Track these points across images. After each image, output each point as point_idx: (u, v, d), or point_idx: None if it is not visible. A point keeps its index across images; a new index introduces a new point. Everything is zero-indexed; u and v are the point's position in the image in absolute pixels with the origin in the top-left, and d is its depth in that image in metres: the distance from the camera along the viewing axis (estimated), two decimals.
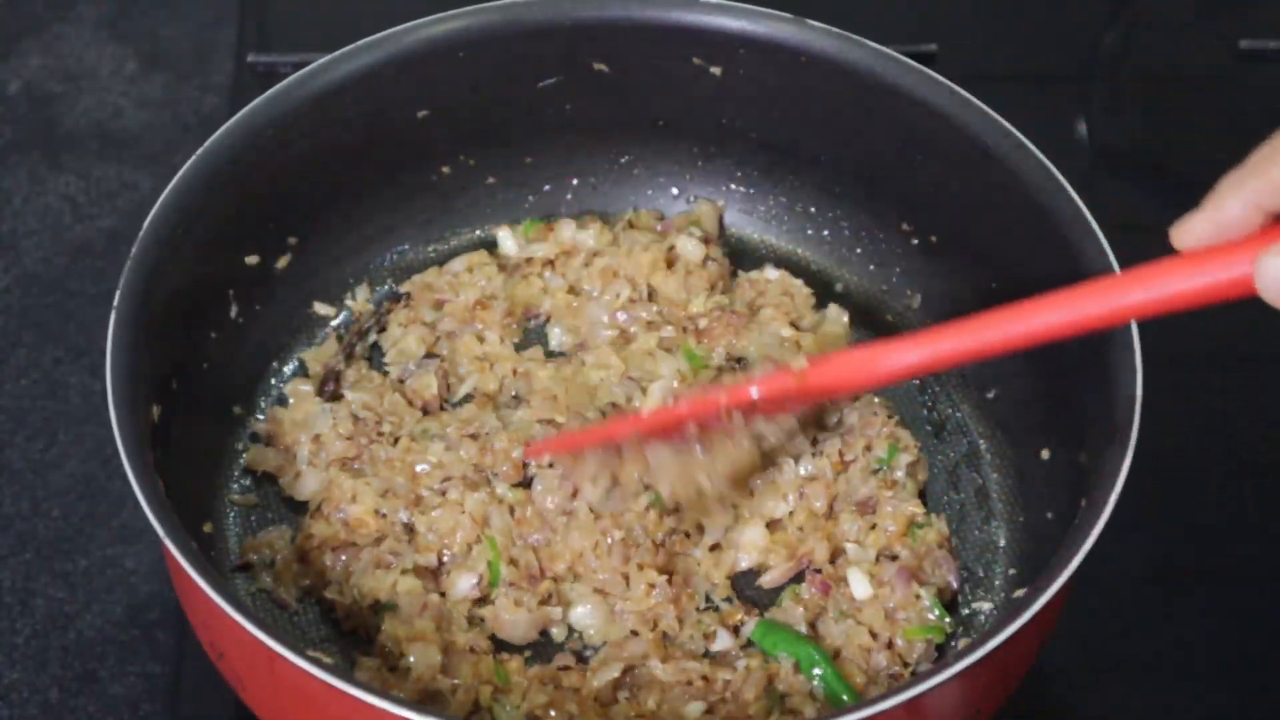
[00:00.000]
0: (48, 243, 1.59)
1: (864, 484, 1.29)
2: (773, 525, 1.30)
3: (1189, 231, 0.99)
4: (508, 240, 1.47)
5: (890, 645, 1.22)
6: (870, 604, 1.23)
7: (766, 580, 1.27)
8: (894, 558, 1.25)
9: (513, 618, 1.23)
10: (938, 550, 1.27)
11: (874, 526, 1.27)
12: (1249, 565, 1.39)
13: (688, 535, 1.28)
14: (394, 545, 1.26)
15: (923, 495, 1.33)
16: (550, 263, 1.45)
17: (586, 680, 1.19)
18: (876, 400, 1.36)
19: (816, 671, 1.20)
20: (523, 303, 1.43)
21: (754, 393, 1.20)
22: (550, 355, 1.42)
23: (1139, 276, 1.02)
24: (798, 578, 1.27)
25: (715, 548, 1.28)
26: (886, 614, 1.23)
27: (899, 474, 1.31)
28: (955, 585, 1.26)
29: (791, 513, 1.30)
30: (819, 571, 1.26)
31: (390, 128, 1.39)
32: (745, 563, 1.28)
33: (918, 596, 1.23)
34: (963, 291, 1.39)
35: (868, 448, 1.31)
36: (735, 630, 1.24)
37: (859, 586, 1.24)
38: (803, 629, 1.23)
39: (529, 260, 1.45)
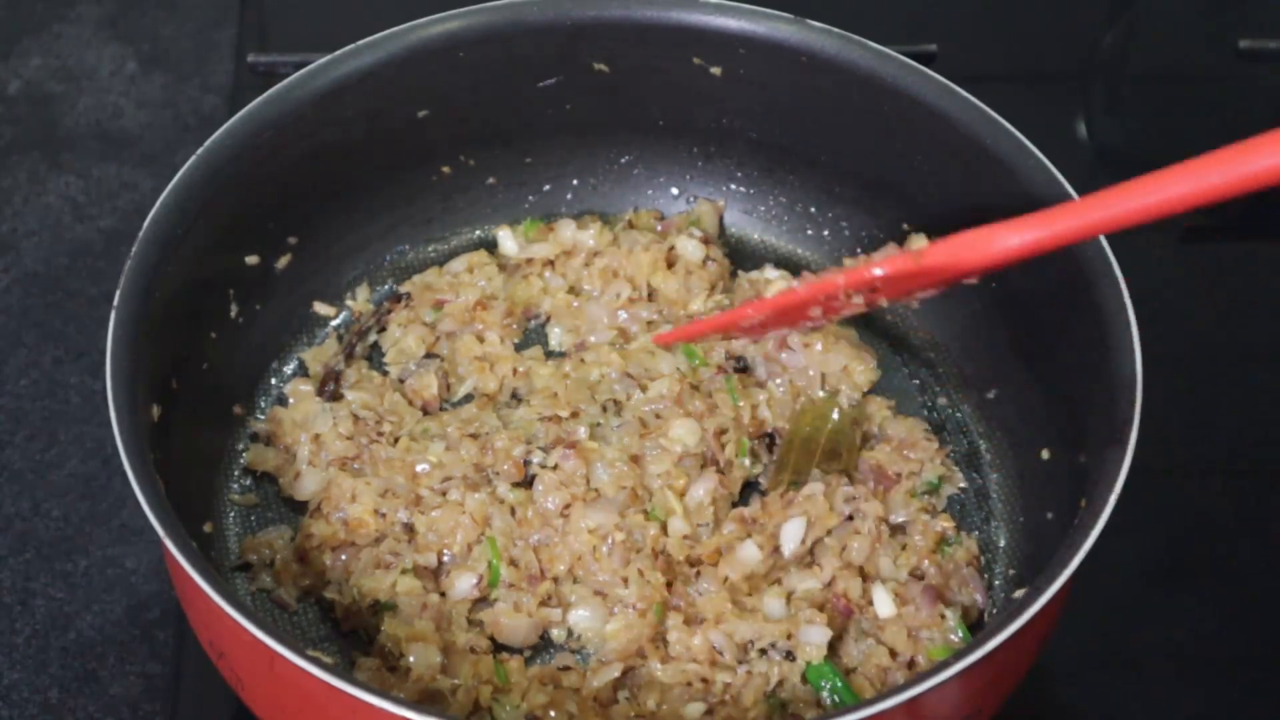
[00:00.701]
0: (48, 243, 1.59)
1: (904, 508, 1.29)
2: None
3: None
4: (508, 240, 1.47)
5: (911, 665, 1.21)
6: (893, 623, 1.22)
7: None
8: (920, 577, 1.24)
9: (512, 622, 1.23)
10: (966, 569, 1.26)
11: (905, 546, 1.26)
12: (1248, 565, 1.39)
13: (698, 573, 1.27)
14: (393, 545, 1.26)
15: None
16: (550, 263, 1.45)
17: (586, 680, 1.19)
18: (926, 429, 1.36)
19: (826, 685, 1.20)
20: (523, 303, 1.44)
21: (874, 273, 1.18)
22: (550, 355, 1.42)
23: (1255, 146, 1.01)
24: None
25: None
26: (909, 633, 1.22)
27: (935, 499, 1.31)
28: (982, 605, 1.26)
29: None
30: (846, 599, 1.24)
31: (390, 128, 1.40)
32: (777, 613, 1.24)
33: (943, 616, 1.22)
34: (963, 291, 1.39)
35: (913, 473, 1.31)
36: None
37: (883, 605, 1.22)
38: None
39: (529, 260, 1.45)
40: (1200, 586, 1.37)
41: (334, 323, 1.44)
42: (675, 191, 1.51)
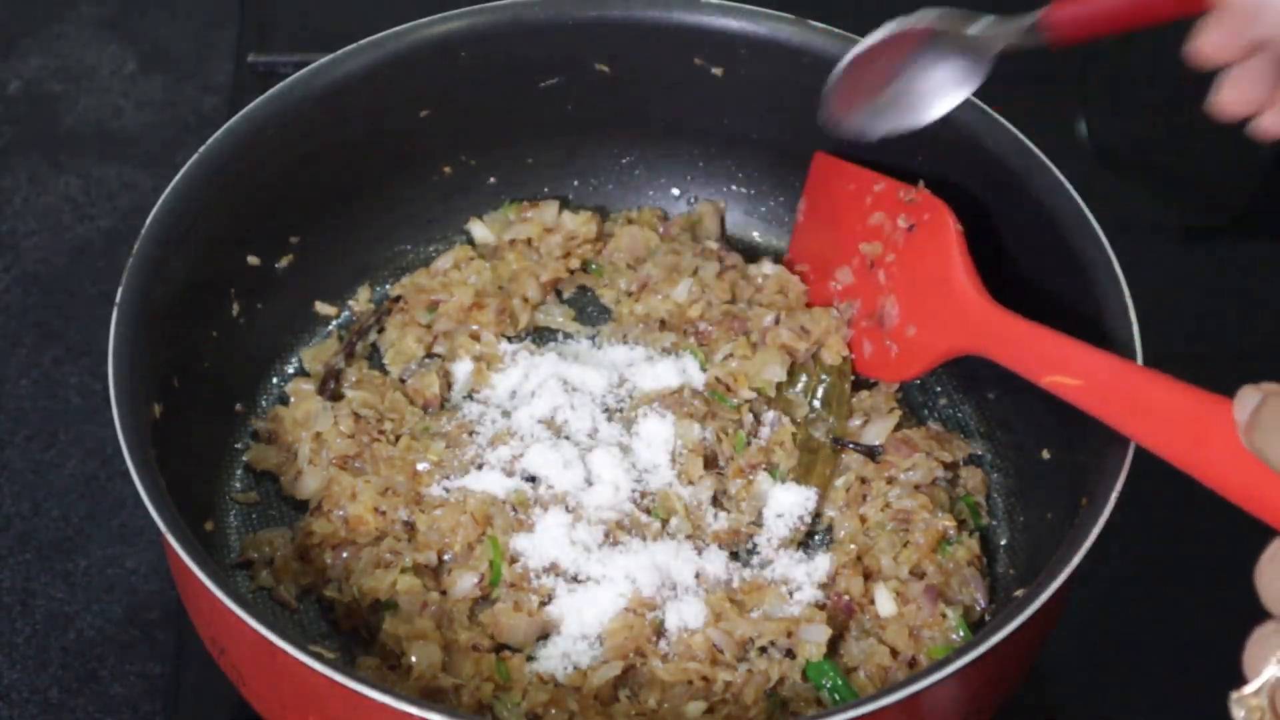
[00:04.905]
0: (48, 243, 1.59)
1: (911, 497, 1.29)
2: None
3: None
4: (479, 229, 1.47)
5: (912, 664, 1.21)
6: (895, 622, 1.22)
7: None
8: (921, 576, 1.25)
9: (513, 622, 1.23)
10: (967, 569, 1.26)
11: (906, 544, 1.26)
12: (1248, 565, 1.38)
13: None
14: (394, 544, 1.26)
15: None
16: (528, 241, 1.45)
17: (587, 679, 1.19)
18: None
19: (826, 682, 1.20)
20: (553, 278, 1.44)
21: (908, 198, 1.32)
22: (565, 338, 1.42)
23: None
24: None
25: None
26: (910, 632, 1.22)
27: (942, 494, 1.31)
28: (983, 605, 1.26)
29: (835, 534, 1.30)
30: (848, 596, 1.25)
31: (391, 127, 1.40)
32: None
33: (944, 616, 1.22)
34: None
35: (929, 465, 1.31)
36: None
37: (884, 604, 1.23)
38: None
39: (511, 242, 1.45)
40: (1200, 586, 1.37)
41: (335, 322, 1.44)
42: (676, 192, 1.52)
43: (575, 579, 1.25)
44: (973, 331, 1.23)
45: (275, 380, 1.40)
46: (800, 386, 1.37)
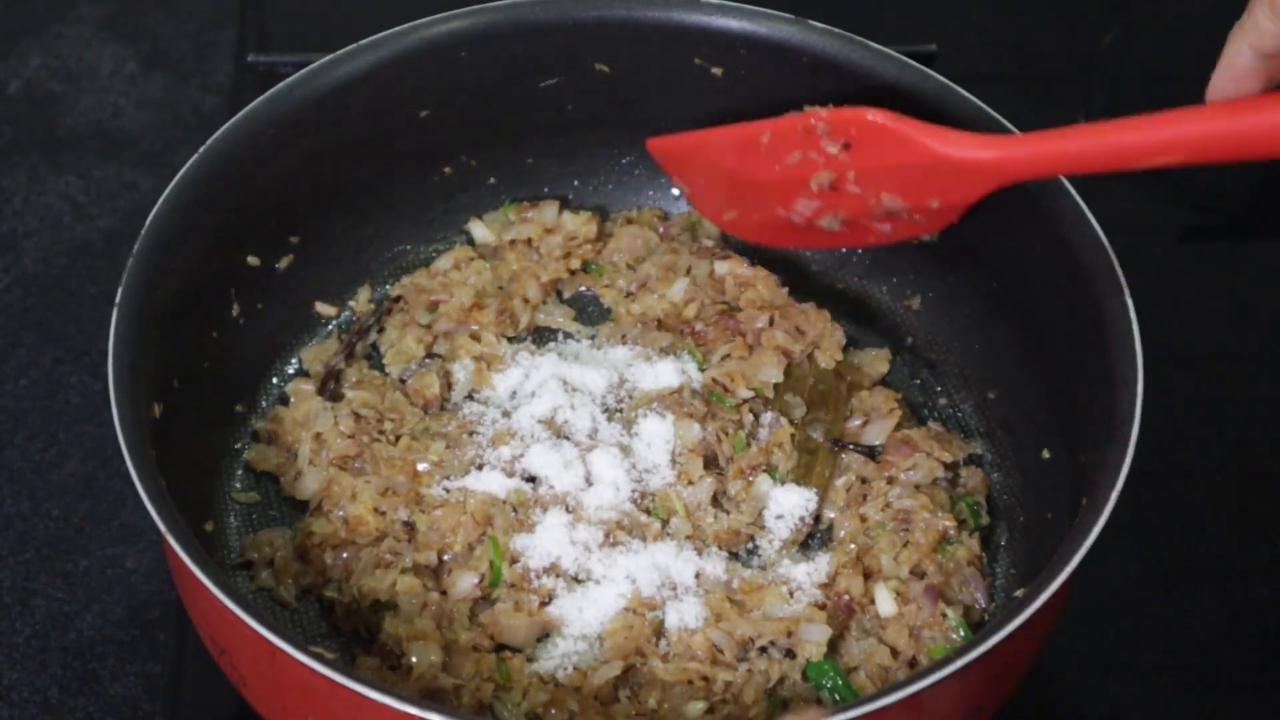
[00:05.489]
0: (48, 243, 1.59)
1: (911, 497, 1.29)
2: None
3: (1212, 86, 1.08)
4: (479, 229, 1.47)
5: (913, 664, 1.21)
6: (895, 622, 1.22)
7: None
8: (922, 575, 1.25)
9: (513, 622, 1.23)
10: (967, 569, 1.26)
11: (906, 544, 1.26)
12: (1248, 565, 1.39)
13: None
14: (394, 544, 1.26)
15: None
16: (529, 242, 1.45)
17: (587, 679, 1.19)
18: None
19: (826, 682, 1.20)
20: (553, 279, 1.44)
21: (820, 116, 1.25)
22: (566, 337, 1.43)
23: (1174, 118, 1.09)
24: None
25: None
26: (910, 632, 1.22)
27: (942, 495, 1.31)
28: (984, 604, 1.26)
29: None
30: (848, 596, 1.25)
31: (391, 128, 1.40)
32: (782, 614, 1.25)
33: (944, 615, 1.22)
34: (963, 292, 1.39)
35: (931, 465, 1.31)
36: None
37: (884, 604, 1.23)
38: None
39: (512, 243, 1.45)
40: (1200, 587, 1.37)
41: (335, 322, 1.44)
42: (676, 192, 1.52)
43: (575, 579, 1.25)
44: (994, 175, 1.19)
45: (275, 380, 1.40)
46: (796, 388, 1.37)
